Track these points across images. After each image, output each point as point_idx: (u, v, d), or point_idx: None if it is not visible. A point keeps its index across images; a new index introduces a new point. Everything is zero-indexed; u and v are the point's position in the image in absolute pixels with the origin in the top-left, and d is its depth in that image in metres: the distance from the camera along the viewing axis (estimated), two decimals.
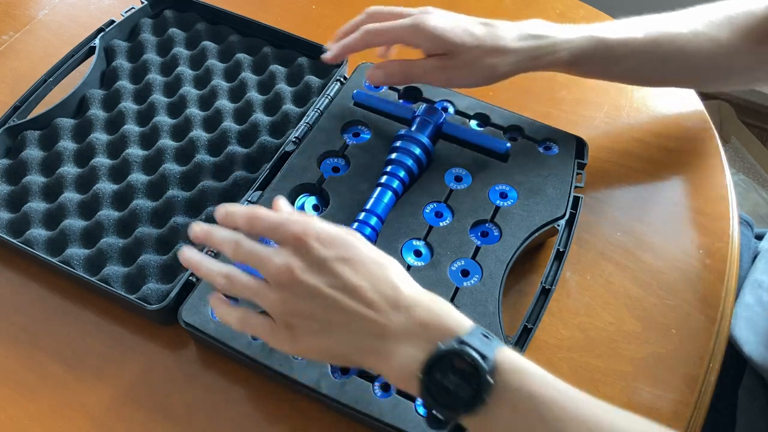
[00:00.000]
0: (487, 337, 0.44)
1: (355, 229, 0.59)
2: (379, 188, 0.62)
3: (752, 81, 0.71)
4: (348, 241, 0.47)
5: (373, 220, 0.60)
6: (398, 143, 0.65)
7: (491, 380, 0.41)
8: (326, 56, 0.65)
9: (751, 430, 0.69)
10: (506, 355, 0.43)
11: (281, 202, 0.53)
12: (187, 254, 0.51)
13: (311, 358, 0.50)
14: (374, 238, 0.60)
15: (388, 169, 0.63)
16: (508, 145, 0.66)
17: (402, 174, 0.63)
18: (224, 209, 0.51)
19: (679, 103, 0.80)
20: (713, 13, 0.66)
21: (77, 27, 0.84)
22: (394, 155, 0.64)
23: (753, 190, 1.57)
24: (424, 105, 0.68)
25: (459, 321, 0.45)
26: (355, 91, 0.70)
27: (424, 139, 0.65)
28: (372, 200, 0.61)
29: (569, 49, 0.63)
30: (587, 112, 0.78)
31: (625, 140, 0.75)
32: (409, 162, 0.64)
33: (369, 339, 0.45)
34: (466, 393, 0.41)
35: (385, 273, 0.47)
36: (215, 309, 0.51)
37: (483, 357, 0.41)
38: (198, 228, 0.51)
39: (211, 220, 0.63)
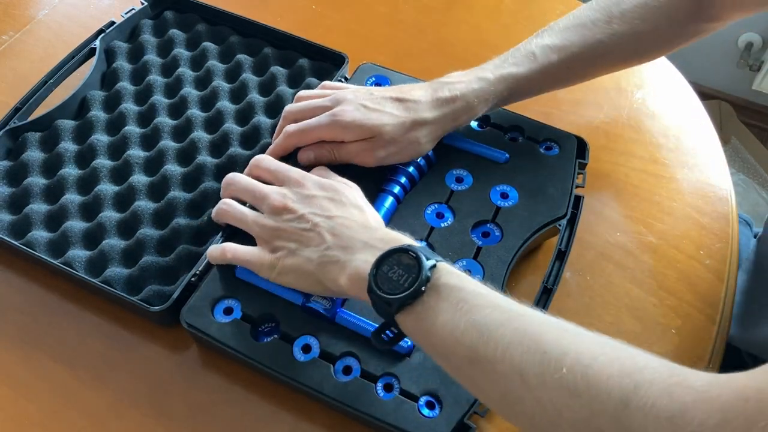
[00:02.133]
0: (433, 252, 0.49)
1: None
2: (380, 194, 0.63)
3: (682, 46, 0.70)
4: (339, 188, 0.57)
5: None
6: None
7: (429, 274, 0.46)
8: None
9: None
10: (445, 264, 0.48)
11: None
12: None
13: (286, 281, 0.55)
14: None
15: (390, 175, 0.64)
16: (507, 155, 0.66)
17: (403, 180, 0.63)
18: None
19: (679, 103, 0.80)
20: (629, 3, 0.65)
21: (77, 27, 0.84)
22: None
23: (753, 190, 1.57)
24: None
25: (411, 240, 0.51)
26: None
27: None
28: (374, 205, 0.61)
29: (485, 101, 0.64)
30: (587, 112, 0.78)
31: (625, 140, 0.75)
32: (411, 169, 0.64)
33: (335, 252, 0.52)
34: (407, 282, 0.46)
35: (363, 216, 0.55)
36: (210, 253, 0.58)
37: (426, 258, 0.47)
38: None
39: (213, 223, 0.63)
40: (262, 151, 0.68)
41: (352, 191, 0.57)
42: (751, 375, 0.37)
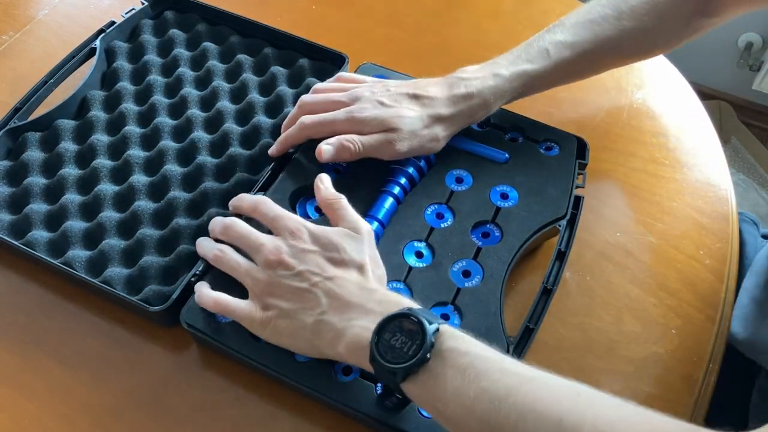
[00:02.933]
0: (434, 316, 0.48)
1: None
2: (381, 194, 0.63)
3: (683, 41, 0.70)
4: (337, 244, 0.53)
5: (375, 225, 0.60)
6: None
7: (434, 340, 0.45)
8: (271, 151, 0.66)
9: None
10: (447, 327, 0.47)
11: (324, 177, 0.60)
12: (199, 239, 0.60)
13: (278, 342, 0.53)
14: (376, 243, 0.60)
15: (390, 176, 0.64)
16: (507, 156, 0.66)
17: (403, 181, 0.63)
18: (238, 197, 0.61)
19: (679, 103, 0.80)
20: (637, 2, 0.66)
21: (77, 27, 0.84)
22: (396, 163, 0.64)
23: (753, 190, 1.57)
24: None
25: (411, 302, 0.50)
26: None
27: None
28: (374, 206, 0.62)
29: (501, 97, 0.64)
30: (587, 112, 0.78)
31: (625, 140, 0.75)
32: (411, 170, 0.64)
33: (330, 317, 0.50)
34: (411, 349, 0.45)
35: (363, 275, 0.52)
36: (197, 291, 0.56)
37: (429, 322, 0.46)
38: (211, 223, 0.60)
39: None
40: (262, 151, 0.68)
41: (356, 243, 0.54)
42: None
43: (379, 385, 0.53)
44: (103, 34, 0.77)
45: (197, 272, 0.59)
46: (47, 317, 0.61)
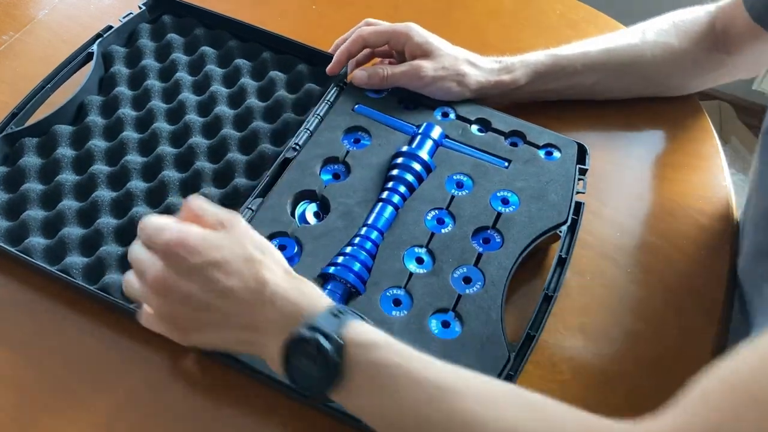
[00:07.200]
0: (338, 315, 0.46)
1: (356, 244, 0.59)
2: (380, 203, 0.62)
3: (712, 81, 0.77)
4: (214, 244, 0.49)
5: (374, 234, 0.60)
6: (399, 159, 0.65)
7: (337, 359, 0.44)
8: (329, 68, 0.72)
9: None
10: (356, 332, 0.45)
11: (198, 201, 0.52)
12: None
13: (206, 347, 0.54)
14: (374, 252, 0.60)
15: (389, 184, 0.64)
16: (508, 161, 0.66)
17: (403, 189, 0.63)
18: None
19: (679, 103, 0.80)
20: (661, 23, 0.73)
21: (77, 27, 0.84)
22: (395, 171, 0.64)
23: None
24: (425, 123, 0.68)
25: (313, 305, 0.47)
26: (356, 106, 0.71)
27: (425, 156, 0.65)
28: (373, 215, 0.62)
29: (526, 65, 0.71)
30: (586, 112, 0.77)
31: (625, 141, 0.75)
32: (410, 178, 0.64)
33: (245, 333, 0.49)
34: (317, 374, 0.45)
35: (255, 269, 0.48)
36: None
37: (328, 338, 0.44)
38: None
39: None
40: (261, 156, 0.68)
41: (224, 237, 0.49)
42: (660, 422, 0.40)
43: None
44: (100, 39, 0.76)
45: None
46: (46, 324, 0.61)
